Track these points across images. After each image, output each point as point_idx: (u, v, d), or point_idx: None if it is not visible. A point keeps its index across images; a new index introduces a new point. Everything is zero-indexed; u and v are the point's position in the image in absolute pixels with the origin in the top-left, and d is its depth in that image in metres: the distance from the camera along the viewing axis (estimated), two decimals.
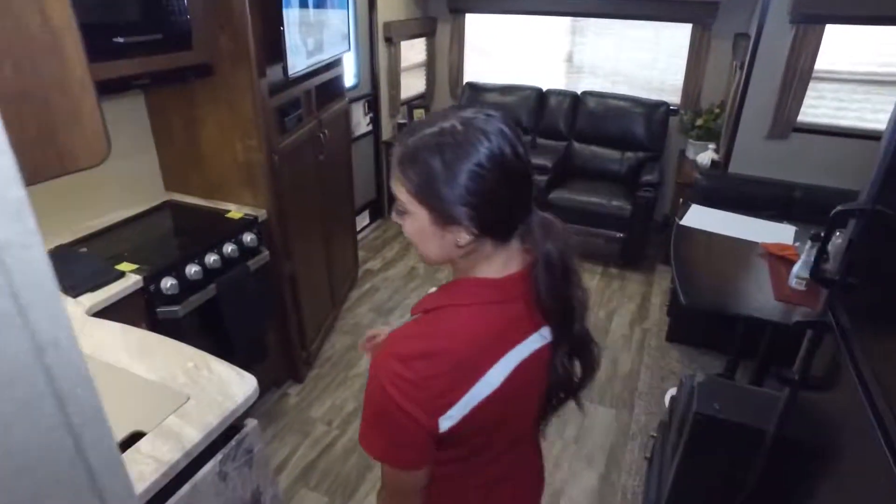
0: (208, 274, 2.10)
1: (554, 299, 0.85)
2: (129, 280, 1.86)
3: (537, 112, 4.50)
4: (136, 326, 1.88)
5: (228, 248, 2.19)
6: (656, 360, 2.99)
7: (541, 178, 3.93)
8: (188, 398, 1.34)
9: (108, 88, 1.90)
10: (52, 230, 2.19)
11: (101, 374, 1.43)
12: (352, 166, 3.46)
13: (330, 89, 3.00)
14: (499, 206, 0.79)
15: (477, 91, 4.65)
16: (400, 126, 4.48)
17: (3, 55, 0.76)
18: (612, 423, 2.56)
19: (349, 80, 3.91)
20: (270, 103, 2.28)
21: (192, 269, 2.04)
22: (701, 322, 3.03)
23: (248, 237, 2.28)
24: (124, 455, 1.19)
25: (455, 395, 0.80)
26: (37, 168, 0.82)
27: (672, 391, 2.70)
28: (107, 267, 1.90)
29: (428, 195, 0.78)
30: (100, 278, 1.84)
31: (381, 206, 4.63)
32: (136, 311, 1.89)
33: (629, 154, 4.23)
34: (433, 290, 0.93)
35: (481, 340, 0.82)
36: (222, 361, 1.47)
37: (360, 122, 4.09)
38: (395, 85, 4.31)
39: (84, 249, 2.07)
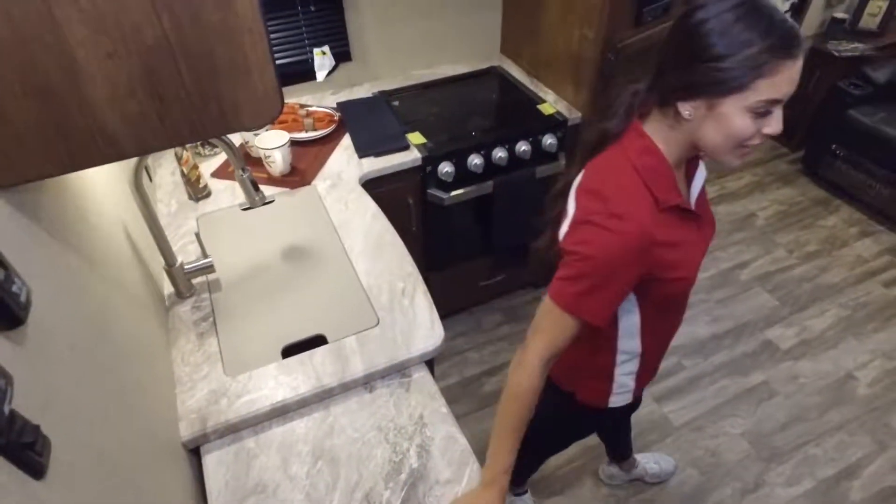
0: (490, 169, 1.97)
1: None
2: (410, 156, 1.85)
3: None
4: (404, 199, 1.93)
5: (522, 147, 1.99)
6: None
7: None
8: (377, 323, 1.32)
9: None
10: (386, 72, 2.29)
11: (331, 257, 1.50)
12: None
13: None
14: None
15: None
16: (835, 22, 3.29)
17: (162, 5, 0.63)
18: None
19: None
20: None
21: (474, 161, 1.93)
22: None
23: (548, 140, 2.03)
24: (301, 356, 1.26)
25: None
26: (196, 123, 0.73)
27: None
28: (399, 134, 1.92)
29: None
30: (388, 144, 1.87)
31: None
32: (409, 185, 1.91)
33: None
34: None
35: None
36: (428, 296, 1.39)
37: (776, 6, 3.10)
38: None
39: (396, 103, 2.12)
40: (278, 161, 1.73)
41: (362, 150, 1.85)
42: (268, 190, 1.73)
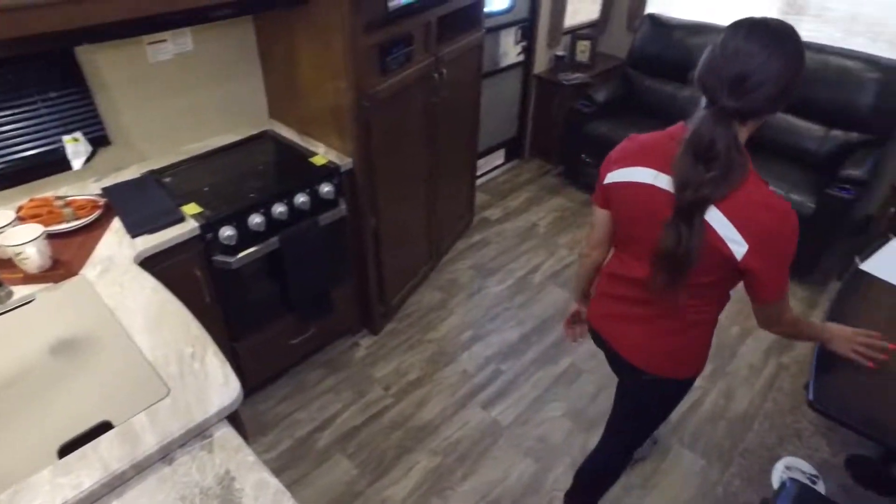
0: (273, 225, 2.01)
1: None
2: (187, 226, 1.82)
3: None
4: (190, 271, 1.88)
5: (300, 198, 2.07)
6: (782, 410, 2.42)
7: None
8: (168, 393, 1.26)
9: (196, 16, 1.81)
10: (154, 151, 2.23)
11: (109, 341, 1.41)
12: (479, 105, 3.11)
13: (460, 20, 2.62)
14: None
15: (658, 27, 3.84)
16: (558, 59, 3.93)
17: None
18: (696, 476, 2.15)
19: (503, 2, 3.44)
20: (366, 41, 2.01)
21: (255, 220, 1.95)
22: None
23: (325, 188, 2.13)
24: (83, 449, 1.16)
25: None
26: None
27: (783, 466, 2.18)
28: (172, 207, 1.88)
29: None
30: (161, 220, 1.82)
31: (521, 145, 4.22)
32: (193, 256, 1.87)
33: (837, 132, 3.28)
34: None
35: None
36: (220, 354, 1.36)
37: (509, 51, 3.63)
38: (559, 11, 3.73)
39: (168, 179, 2.08)
40: (33, 256, 1.59)
41: (134, 230, 1.78)
42: (26, 289, 1.58)
